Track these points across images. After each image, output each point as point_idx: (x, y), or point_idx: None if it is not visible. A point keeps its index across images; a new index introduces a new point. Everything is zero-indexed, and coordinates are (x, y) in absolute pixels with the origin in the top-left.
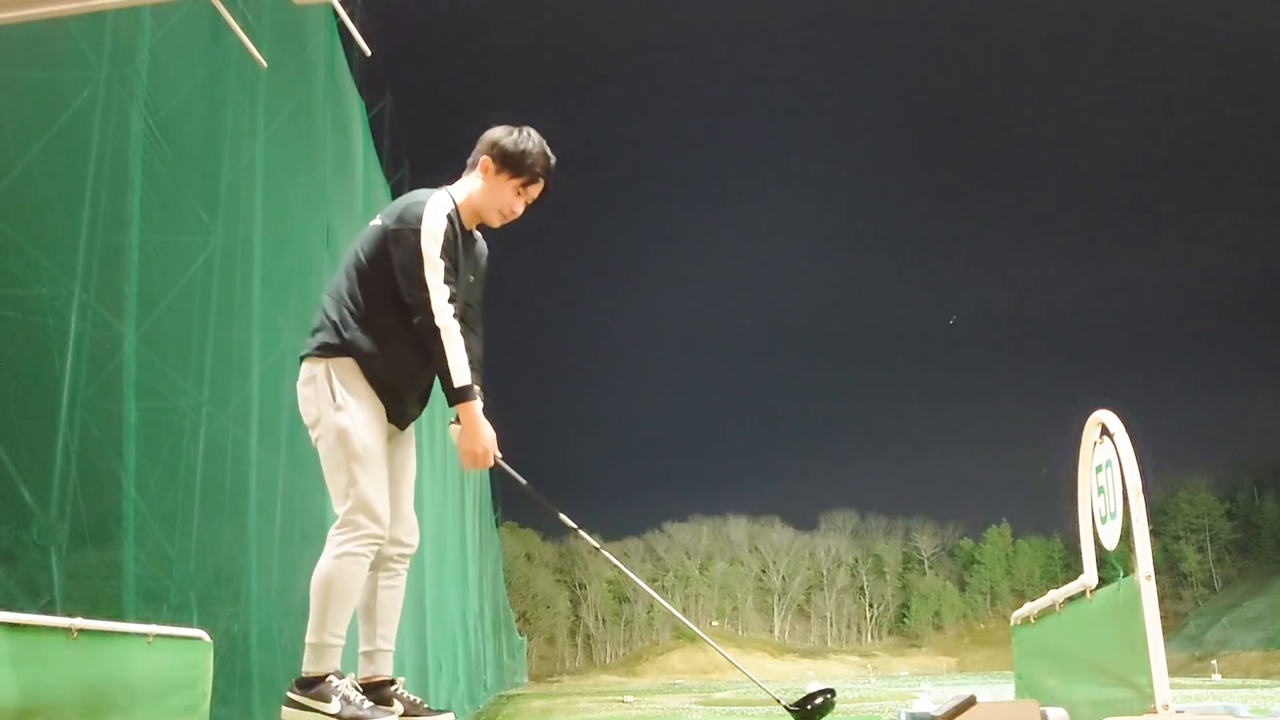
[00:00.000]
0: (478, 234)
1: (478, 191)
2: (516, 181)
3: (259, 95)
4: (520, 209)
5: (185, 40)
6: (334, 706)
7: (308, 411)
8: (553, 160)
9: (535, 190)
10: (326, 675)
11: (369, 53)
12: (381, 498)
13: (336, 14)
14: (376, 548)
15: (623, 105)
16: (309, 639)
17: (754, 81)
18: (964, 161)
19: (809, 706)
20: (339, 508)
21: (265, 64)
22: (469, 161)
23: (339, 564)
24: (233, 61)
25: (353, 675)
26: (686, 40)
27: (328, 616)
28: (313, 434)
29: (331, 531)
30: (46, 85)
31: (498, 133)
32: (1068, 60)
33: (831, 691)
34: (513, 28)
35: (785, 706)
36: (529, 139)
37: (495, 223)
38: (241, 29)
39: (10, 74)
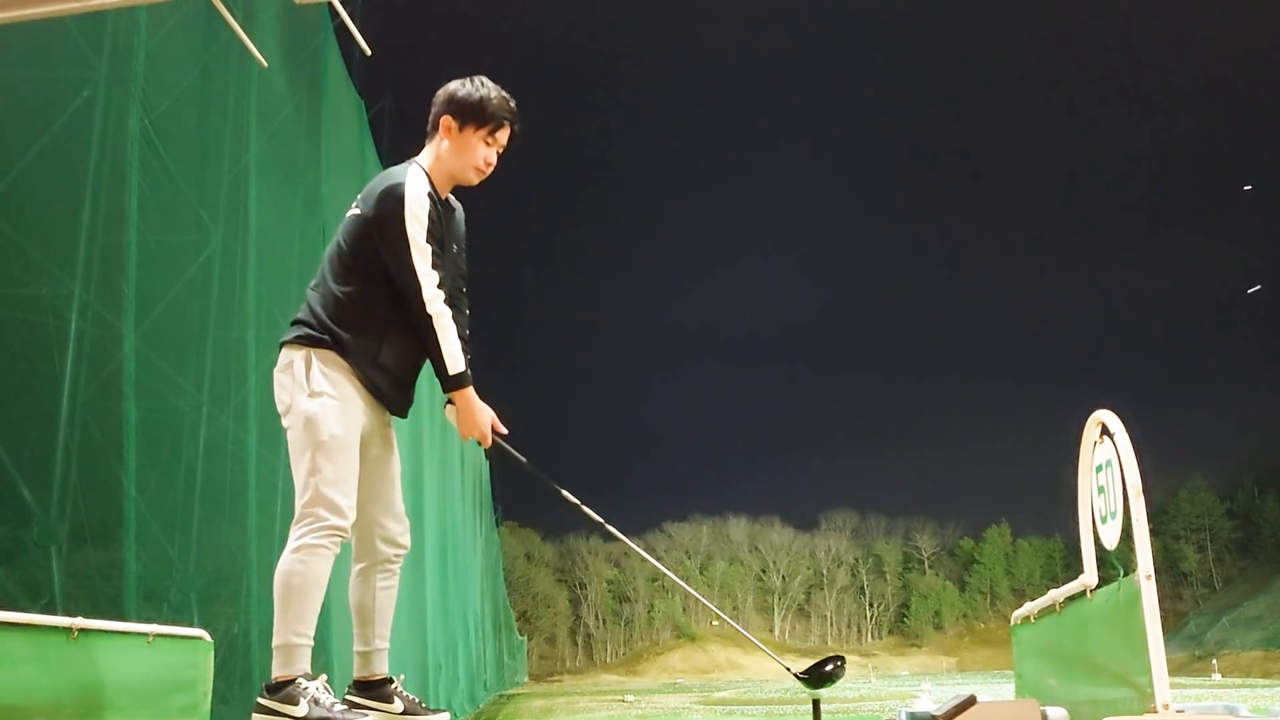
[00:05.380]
0: (453, 200)
1: (447, 154)
2: (483, 131)
3: (257, 95)
4: (494, 159)
5: (184, 40)
6: (302, 710)
7: (281, 398)
8: (513, 102)
9: (504, 136)
10: (295, 678)
11: (369, 53)
12: (344, 490)
13: (336, 13)
14: (338, 539)
15: (625, 107)
16: (275, 641)
17: (755, 86)
18: (963, 165)
19: (819, 673)
20: (299, 500)
21: (265, 63)
22: (429, 127)
23: (297, 558)
24: (232, 61)
25: (324, 677)
26: (689, 44)
27: (290, 614)
28: (284, 421)
29: (291, 527)
30: (46, 85)
31: (450, 88)
32: (1065, 65)
33: (841, 659)
34: (513, 29)
35: (796, 675)
36: (483, 86)
37: (474, 180)
38: (240, 29)
39: (10, 74)
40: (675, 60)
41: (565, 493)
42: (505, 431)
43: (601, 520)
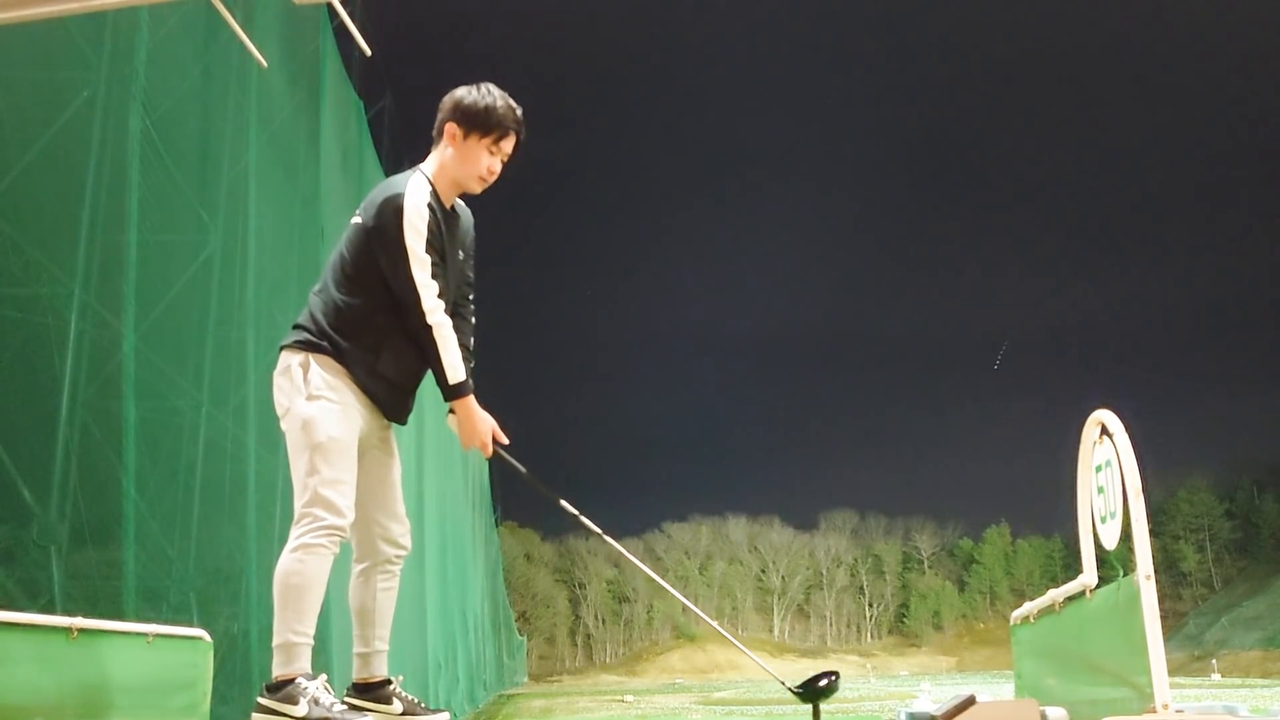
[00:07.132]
0: (460, 205)
1: (451, 161)
2: (488, 140)
3: (257, 95)
4: (498, 168)
5: (184, 41)
6: (301, 709)
7: (280, 402)
8: (519, 110)
9: (509, 145)
10: (295, 677)
11: (369, 53)
12: (342, 490)
13: (336, 14)
14: (337, 539)
15: (623, 107)
16: (275, 640)
17: (755, 86)
18: (964, 166)
19: (813, 688)
20: (298, 501)
21: (265, 64)
22: (434, 133)
23: (296, 557)
24: (232, 62)
25: (324, 676)
26: (688, 42)
27: (289, 614)
28: (283, 424)
29: (291, 527)
30: (46, 85)
31: (456, 95)
32: (1068, 66)
33: (835, 674)
34: (512, 28)
35: (790, 689)
36: (489, 94)
37: (477, 189)
38: (240, 29)
39: (10, 74)
40: (675, 60)
41: (564, 503)
42: (506, 441)
43: (599, 531)
